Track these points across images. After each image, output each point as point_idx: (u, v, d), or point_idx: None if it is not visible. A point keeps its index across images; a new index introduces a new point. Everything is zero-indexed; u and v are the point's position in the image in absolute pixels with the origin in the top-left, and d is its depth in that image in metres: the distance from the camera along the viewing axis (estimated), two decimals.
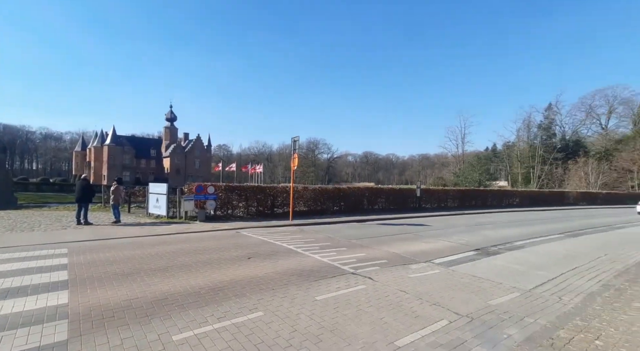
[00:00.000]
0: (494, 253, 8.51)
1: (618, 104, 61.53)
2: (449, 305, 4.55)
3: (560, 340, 3.57)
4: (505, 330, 3.81)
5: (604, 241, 11.17)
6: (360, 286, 5.29)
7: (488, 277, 6.17)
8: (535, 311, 4.47)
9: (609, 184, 49.58)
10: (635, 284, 5.85)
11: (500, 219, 17.81)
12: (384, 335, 3.53)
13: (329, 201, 17.42)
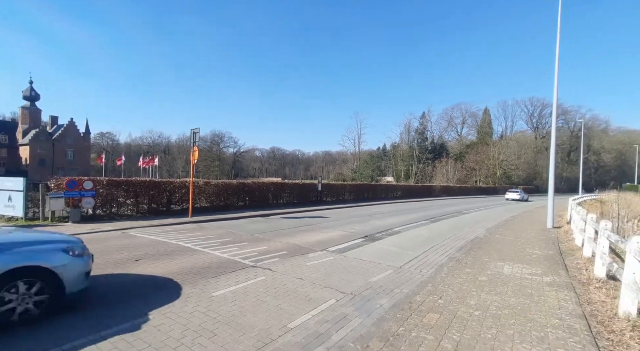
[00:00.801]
0: (378, 239, 9.74)
1: (468, 117, 77.97)
2: (338, 286, 5.09)
3: (416, 303, 4.43)
4: (379, 301, 4.50)
5: (454, 224, 13.97)
6: (260, 277, 5.42)
7: (371, 259, 7.08)
8: (402, 283, 5.39)
9: (461, 179, 61.71)
10: (468, 255, 7.60)
11: (386, 209, 20.33)
12: (279, 320, 3.76)
13: (234, 196, 16.94)
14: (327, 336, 3.38)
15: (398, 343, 3.29)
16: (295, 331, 3.48)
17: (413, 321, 3.84)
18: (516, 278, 5.90)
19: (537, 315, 4.16)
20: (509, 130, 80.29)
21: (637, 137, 78.02)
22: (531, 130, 79.76)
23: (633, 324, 3.79)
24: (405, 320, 3.89)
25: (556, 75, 13.25)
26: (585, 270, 6.41)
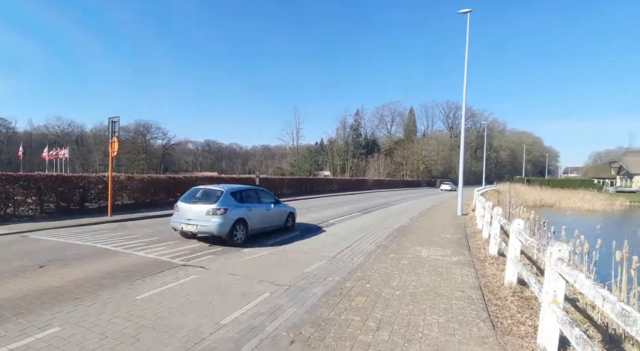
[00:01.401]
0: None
1: (397, 115, 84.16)
2: (273, 279, 5.13)
3: (346, 288, 4.72)
4: (312, 290, 4.67)
5: (384, 215, 15.07)
6: (191, 276, 5.16)
7: (307, 251, 7.26)
8: (335, 271, 5.67)
9: (390, 173, 66.53)
10: (393, 242, 8.31)
11: (323, 202, 20.91)
12: (211, 318, 3.65)
13: (163, 192, 15.63)
14: (261, 328, 3.41)
15: (328, 327, 3.48)
16: (227, 327, 3.44)
17: (343, 306, 4.08)
18: (431, 259, 6.64)
19: (445, 290, 4.77)
20: (429, 129, 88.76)
21: (526, 137, 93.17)
22: (447, 129, 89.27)
23: (513, 290, 4.61)
24: (336, 305, 4.11)
25: (465, 83, 15.05)
26: (483, 249, 7.53)
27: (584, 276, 2.43)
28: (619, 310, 1.86)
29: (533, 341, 3.20)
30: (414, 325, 3.57)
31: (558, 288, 2.95)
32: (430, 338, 3.28)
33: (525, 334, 3.41)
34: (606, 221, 22.91)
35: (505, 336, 3.40)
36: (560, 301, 2.92)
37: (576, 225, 13.76)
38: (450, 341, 3.23)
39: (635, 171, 58.51)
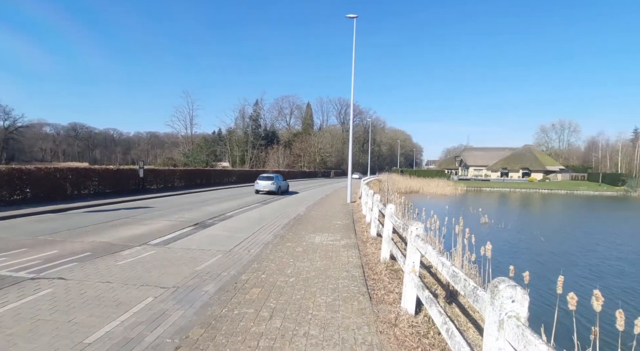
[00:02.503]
0: (209, 225, 9.40)
1: (295, 109, 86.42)
2: (158, 282, 4.59)
3: (241, 281, 4.61)
4: (204, 288, 4.39)
5: (283, 205, 15.34)
6: (44, 291, 4.14)
7: (201, 247, 6.76)
8: (230, 265, 5.46)
9: (290, 164, 68.14)
10: (290, 231, 8.56)
11: (221, 195, 19.80)
12: (71, 339, 3.01)
13: (3, 187, 12.02)
14: (140, 340, 3.00)
15: (220, 324, 3.32)
16: (94, 346, 2.89)
17: (236, 300, 3.97)
18: (323, 245, 7.10)
19: (333, 272, 5.18)
20: (325, 123, 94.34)
21: (400, 134, 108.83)
22: (340, 124, 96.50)
23: (387, 265, 5.37)
24: (229, 300, 3.97)
25: (352, 83, 16.44)
26: (365, 232, 8.50)
27: (431, 248, 2.99)
28: (451, 272, 2.36)
29: (398, 306, 3.80)
30: (305, 308, 3.75)
31: (416, 260, 3.55)
32: (318, 317, 3.51)
33: (393, 300, 4.01)
34: (452, 202, 29.02)
35: (379, 305, 3.93)
36: (417, 270, 3.54)
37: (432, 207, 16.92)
38: (335, 317, 3.53)
39: (470, 164, 75.37)
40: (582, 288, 7.10)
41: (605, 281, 8.40)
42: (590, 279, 8.51)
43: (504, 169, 69.02)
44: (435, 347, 2.88)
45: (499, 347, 1.57)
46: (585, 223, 20.81)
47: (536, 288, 6.44)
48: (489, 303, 1.68)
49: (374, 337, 3.08)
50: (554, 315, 4.27)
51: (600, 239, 14.48)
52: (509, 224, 17.01)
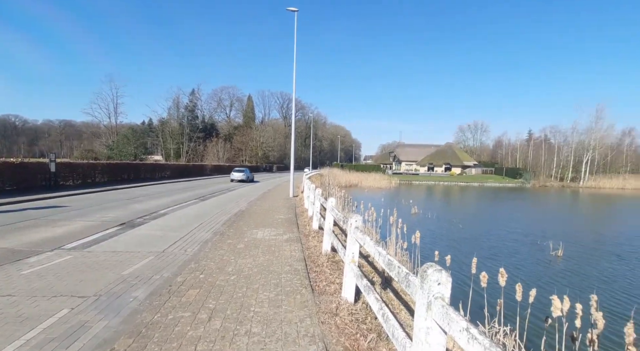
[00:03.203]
0: (139, 224, 8.53)
1: (235, 101, 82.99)
2: (75, 291, 4.02)
3: (176, 284, 4.29)
4: (133, 294, 3.97)
5: (223, 200, 14.68)
6: None
7: (128, 249, 6.10)
8: (163, 267, 5.04)
9: (230, 158, 65.41)
10: (231, 227, 8.25)
11: (153, 191, 18.09)
12: None
13: None
14: None
15: (151, 332, 3.04)
16: None
17: (171, 304, 3.68)
18: (266, 240, 6.99)
19: (276, 267, 5.13)
20: (267, 117, 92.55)
21: (340, 130, 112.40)
22: (282, 119, 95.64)
23: (328, 257, 5.52)
24: (163, 305, 3.66)
25: (294, 78, 16.38)
26: (308, 226, 8.61)
27: (369, 239, 3.15)
28: (387, 260, 2.51)
29: (339, 296, 3.93)
30: (247, 306, 3.65)
31: (355, 250, 3.71)
32: (260, 314, 3.45)
33: (334, 291, 4.14)
34: (387, 195, 31.09)
35: (321, 296, 4.02)
36: (356, 260, 3.70)
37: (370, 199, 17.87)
38: (278, 312, 3.51)
39: (403, 159, 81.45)
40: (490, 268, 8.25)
41: (507, 260, 9.88)
42: (496, 259, 9.92)
43: (430, 164, 76.11)
44: (372, 331, 3.06)
45: (427, 326, 1.72)
46: (491, 210, 24.14)
47: (456, 270, 7.27)
48: (419, 287, 1.83)
49: (316, 328, 3.14)
50: (469, 292, 4.87)
51: (502, 224, 16.97)
52: (434, 213, 18.86)
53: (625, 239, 13.59)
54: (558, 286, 7.03)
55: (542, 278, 8.16)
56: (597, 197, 38.64)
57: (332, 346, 2.87)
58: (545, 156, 65.46)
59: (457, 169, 73.35)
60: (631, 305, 6.08)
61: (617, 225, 18.84)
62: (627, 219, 21.15)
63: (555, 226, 16.40)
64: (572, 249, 10.82)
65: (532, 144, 74.90)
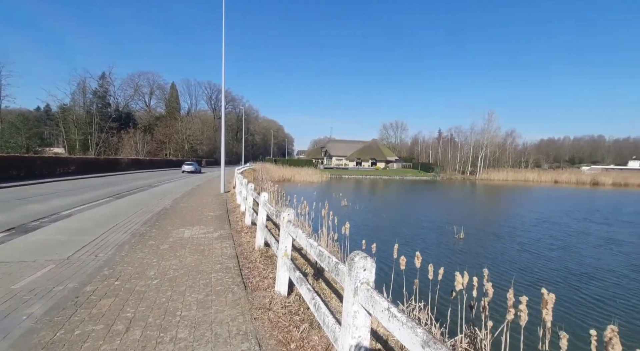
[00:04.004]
0: (34, 229, 7.12)
1: (156, 88, 74.70)
2: None
3: (85, 294, 3.71)
4: (27, 311, 3.31)
5: (143, 198, 13.19)
6: None
7: (21, 258, 5.05)
8: (68, 276, 4.31)
9: (152, 152, 59.00)
10: (153, 227, 7.49)
11: (52, 189, 15.22)
12: None
13: None
14: None
15: None
16: None
17: (78, 318, 3.17)
18: (194, 239, 6.53)
19: (206, 266, 4.85)
20: (193, 107, 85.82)
21: (273, 125, 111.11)
22: (211, 110, 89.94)
23: (261, 252, 5.43)
24: (67, 319, 3.13)
25: (223, 68, 15.53)
26: (240, 222, 8.32)
27: (301, 231, 3.19)
28: (318, 252, 2.59)
29: (273, 290, 3.91)
30: (172, 311, 3.37)
31: (288, 244, 3.73)
32: (188, 318, 3.22)
33: (268, 286, 4.10)
34: (319, 189, 31.96)
35: (254, 292, 3.94)
36: (289, 254, 3.72)
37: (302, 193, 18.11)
38: (208, 313, 3.33)
39: (333, 154, 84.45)
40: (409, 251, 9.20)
41: (421, 244, 11.12)
42: (412, 243, 11.09)
43: (358, 159, 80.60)
44: (305, 321, 3.13)
45: (354, 310, 1.84)
46: (409, 201, 26.85)
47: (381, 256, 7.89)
48: (347, 274, 1.93)
49: (249, 325, 3.08)
50: (392, 275, 5.35)
51: (417, 212, 19.04)
52: (362, 205, 20.11)
53: (506, 221, 16.57)
54: (460, 264, 8.21)
55: (449, 258, 9.42)
56: (488, 187, 46.10)
57: (265, 341, 2.85)
58: (451, 152, 75.17)
59: (381, 163, 79.25)
60: (512, 275, 7.45)
61: (502, 210, 22.80)
62: (509, 205, 25.77)
63: (457, 213, 19.05)
64: (470, 232, 12.73)
65: (441, 142, 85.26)
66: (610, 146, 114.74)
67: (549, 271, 8.35)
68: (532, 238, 12.32)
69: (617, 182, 53.07)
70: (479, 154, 69.60)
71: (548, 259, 9.40)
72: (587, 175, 58.36)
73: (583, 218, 17.65)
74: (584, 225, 15.24)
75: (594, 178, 55.68)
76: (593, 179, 55.10)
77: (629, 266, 8.84)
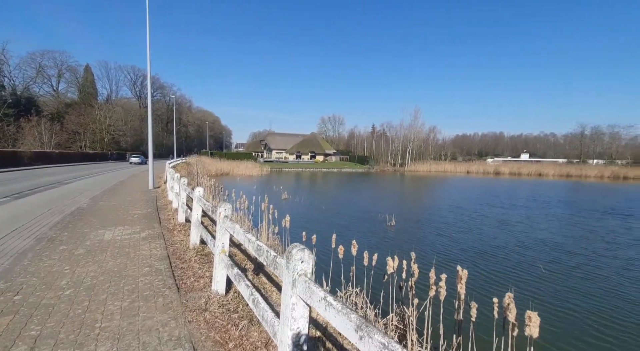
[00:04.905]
0: None
1: (66, 70, 63.51)
2: None
3: None
4: None
5: (52, 196, 11.25)
6: None
7: None
8: None
9: (62, 144, 50.42)
10: (65, 230, 6.45)
11: None
12: None
13: None
14: None
15: None
16: None
17: None
18: (117, 241, 5.81)
19: (131, 270, 4.36)
20: (114, 94, 75.62)
21: (209, 116, 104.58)
22: (136, 98, 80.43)
23: (197, 251, 5.10)
24: None
25: (148, 52, 13.97)
26: (172, 219, 7.68)
27: (239, 227, 3.07)
28: (256, 246, 2.52)
29: (209, 289, 3.71)
30: (90, 323, 2.95)
31: (225, 240, 3.56)
32: (110, 329, 2.86)
33: (204, 285, 3.87)
34: (259, 182, 31.27)
35: (188, 293, 3.68)
36: (227, 250, 3.56)
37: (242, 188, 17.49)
38: (134, 322, 3.00)
39: (273, 147, 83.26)
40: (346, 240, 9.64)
41: (357, 232, 11.74)
42: (349, 233, 11.63)
43: (298, 152, 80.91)
44: (244, 318, 3.05)
45: (293, 302, 1.84)
46: (346, 192, 28.05)
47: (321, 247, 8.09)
48: (285, 267, 1.92)
49: (182, 329, 2.87)
50: (331, 264, 5.53)
51: (354, 203, 20.04)
52: (302, 198, 20.30)
53: (429, 209, 18.49)
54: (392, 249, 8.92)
55: (382, 244, 10.13)
56: (415, 178, 50.69)
57: (200, 344, 2.69)
58: (384, 146, 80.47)
59: (320, 157, 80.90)
60: (433, 256, 8.33)
61: (425, 198, 25.32)
62: (431, 194, 28.76)
63: (388, 202, 20.57)
64: (399, 220, 13.86)
65: (375, 137, 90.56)
66: (508, 141, 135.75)
67: (460, 251, 9.57)
68: (447, 222, 13.97)
69: (512, 171, 63.26)
70: (407, 148, 75.83)
71: (459, 241, 10.77)
72: (491, 166, 68.39)
73: (486, 203, 20.64)
74: (486, 210, 17.83)
75: (496, 168, 65.54)
76: (496, 170, 64.80)
77: (517, 243, 10.63)
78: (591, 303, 6.18)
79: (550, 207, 19.60)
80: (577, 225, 13.96)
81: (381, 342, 1.20)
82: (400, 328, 4.28)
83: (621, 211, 18.09)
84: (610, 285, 7.06)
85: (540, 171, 62.10)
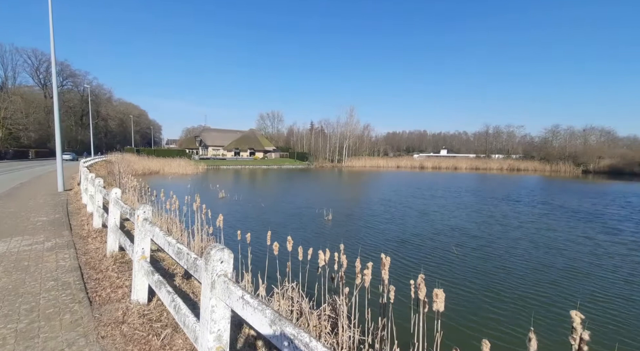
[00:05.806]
0: None
1: None
2: None
3: None
4: None
5: None
6: None
7: None
8: None
9: None
10: None
11: None
12: None
13: None
14: None
15: None
16: None
17: None
18: (12, 253, 4.88)
19: (31, 287, 3.71)
20: (10, 81, 62.42)
21: (133, 109, 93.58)
22: (40, 87, 67.74)
23: (115, 258, 4.57)
24: None
25: (51, 32, 11.94)
26: (87, 225, 6.73)
27: (159, 229, 2.85)
28: (176, 249, 2.38)
29: (128, 299, 3.37)
30: None
31: (145, 245, 3.27)
32: None
33: (122, 296, 3.50)
34: (194, 181, 29.25)
35: (103, 306, 3.29)
36: (147, 256, 3.27)
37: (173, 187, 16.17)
38: (32, 345, 2.57)
39: (209, 144, 78.65)
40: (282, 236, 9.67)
41: (294, 228, 11.86)
42: (285, 229, 11.69)
43: (236, 149, 77.81)
44: (168, 326, 2.85)
45: (212, 304, 1.79)
46: (286, 188, 28.06)
47: (256, 244, 7.96)
48: (204, 269, 1.86)
49: (93, 346, 2.56)
50: (266, 261, 5.50)
51: (293, 199, 20.17)
52: (241, 196, 19.63)
53: (362, 202, 19.62)
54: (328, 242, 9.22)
55: (320, 238, 10.42)
56: (351, 173, 53.16)
57: None
58: (322, 143, 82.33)
59: (260, 153, 79.14)
60: (360, 246, 8.87)
61: (360, 193, 26.77)
62: (365, 188, 30.52)
63: (327, 197, 21.21)
64: (336, 213, 14.41)
65: (313, 133, 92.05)
66: (430, 138, 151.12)
67: (384, 241, 10.39)
68: (376, 214, 15.02)
69: (434, 166, 70.80)
70: (344, 144, 78.89)
71: (384, 231, 11.68)
72: (417, 161, 75.46)
73: (410, 195, 22.75)
74: (410, 201, 19.67)
75: (421, 163, 72.60)
76: (421, 164, 71.74)
77: (432, 230, 11.99)
78: (485, 279, 7.32)
79: (461, 196, 22.51)
80: (480, 212, 16.31)
81: (291, 333, 1.25)
82: (332, 316, 4.49)
83: (514, 198, 21.72)
84: (501, 263, 8.45)
85: (456, 165, 70.74)
